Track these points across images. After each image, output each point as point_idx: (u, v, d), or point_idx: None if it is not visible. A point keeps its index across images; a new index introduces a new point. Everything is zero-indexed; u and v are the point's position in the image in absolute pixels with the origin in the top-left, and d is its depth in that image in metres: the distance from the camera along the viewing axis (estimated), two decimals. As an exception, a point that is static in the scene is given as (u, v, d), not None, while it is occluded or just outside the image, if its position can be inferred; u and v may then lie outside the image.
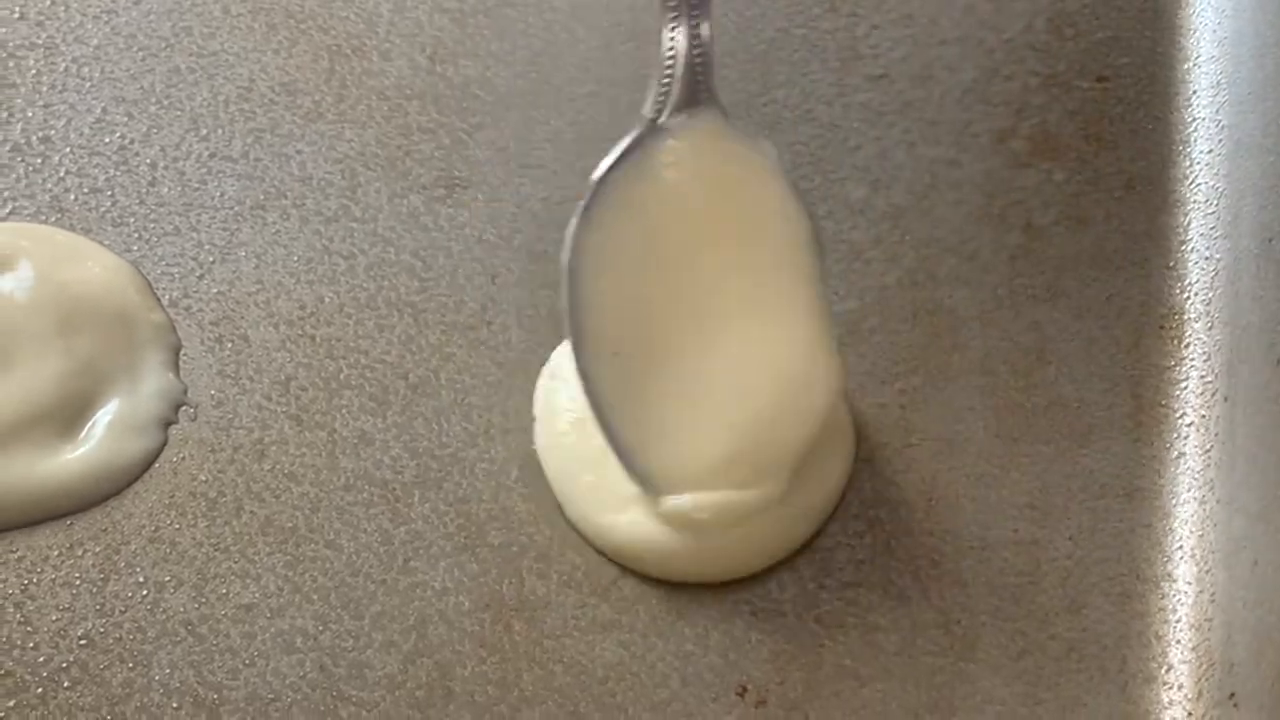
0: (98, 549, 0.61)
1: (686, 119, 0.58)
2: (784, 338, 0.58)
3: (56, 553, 0.61)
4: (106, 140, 0.69)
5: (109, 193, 0.67)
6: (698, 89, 0.58)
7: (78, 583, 0.60)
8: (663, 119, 0.58)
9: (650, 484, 0.59)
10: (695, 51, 0.58)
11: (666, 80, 0.58)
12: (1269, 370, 0.61)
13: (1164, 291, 0.67)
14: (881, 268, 0.67)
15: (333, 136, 0.69)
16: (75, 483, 0.61)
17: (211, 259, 0.66)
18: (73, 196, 0.67)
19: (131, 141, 0.69)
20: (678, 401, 0.58)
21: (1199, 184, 0.69)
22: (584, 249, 0.57)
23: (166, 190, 0.68)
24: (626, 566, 0.60)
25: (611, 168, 0.58)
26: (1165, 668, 0.59)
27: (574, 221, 0.58)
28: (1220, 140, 0.69)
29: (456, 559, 0.61)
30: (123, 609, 0.60)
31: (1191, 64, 0.71)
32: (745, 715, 0.58)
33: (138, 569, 0.60)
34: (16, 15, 0.70)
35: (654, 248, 0.58)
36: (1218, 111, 0.70)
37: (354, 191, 0.68)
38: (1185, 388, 0.64)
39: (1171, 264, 0.67)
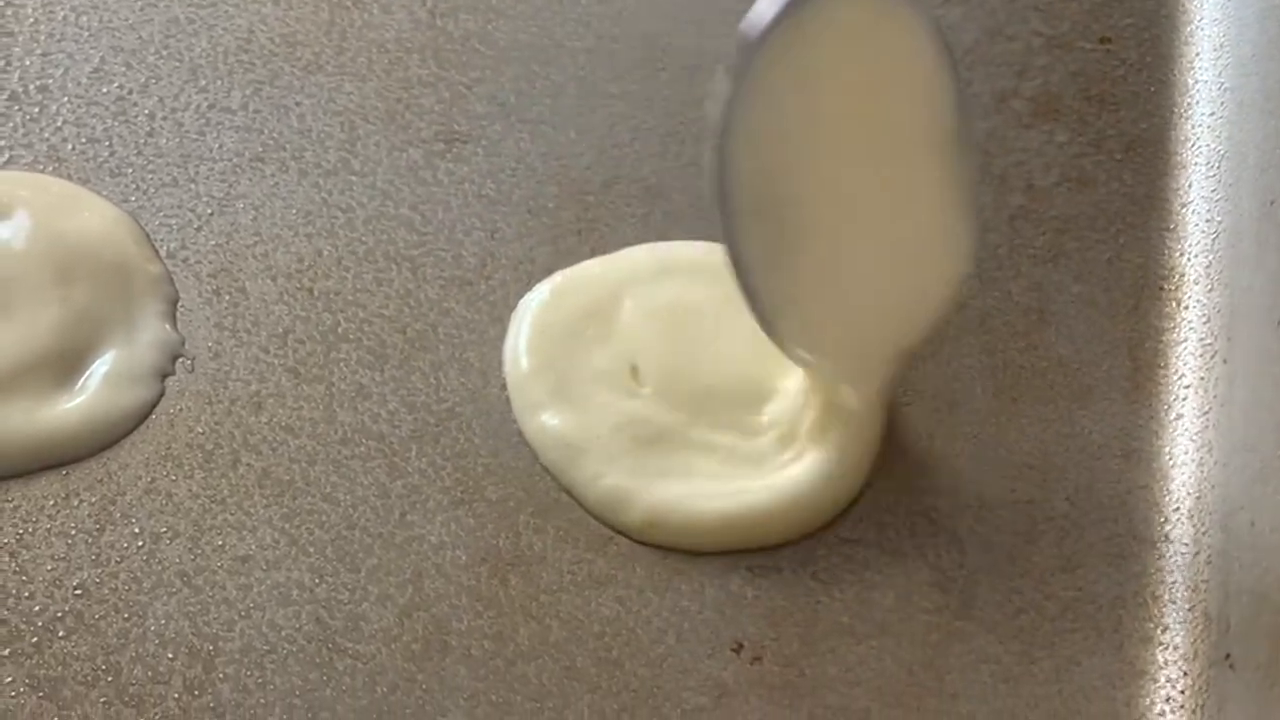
0: (94, 499, 0.60)
1: None
2: (919, 220, 0.57)
3: (52, 502, 0.60)
4: (104, 90, 0.68)
5: (107, 143, 0.67)
6: None
7: (73, 532, 0.60)
8: None
9: (784, 347, 0.59)
10: None
11: None
12: (1268, 333, 0.61)
13: (1164, 253, 0.66)
14: (881, 227, 0.67)
15: (332, 89, 0.69)
16: (71, 433, 0.61)
17: (209, 211, 0.66)
18: (70, 146, 0.67)
19: (130, 92, 0.68)
20: (815, 271, 0.57)
21: (1200, 146, 0.68)
22: (736, 108, 0.55)
23: (164, 141, 0.67)
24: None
25: (769, 27, 0.54)
26: (1161, 628, 0.59)
27: (724, 79, 0.55)
28: (1222, 103, 0.69)
29: (453, 513, 0.61)
30: (118, 559, 0.59)
31: (1194, 26, 0.71)
32: (741, 671, 0.58)
33: (133, 519, 0.60)
34: (15, -37, 0.69)
35: (804, 110, 0.55)
36: (1220, 74, 0.70)
37: (353, 145, 0.68)
38: (1184, 349, 0.64)
39: (1172, 226, 0.67)
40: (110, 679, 0.57)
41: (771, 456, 0.61)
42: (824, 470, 0.60)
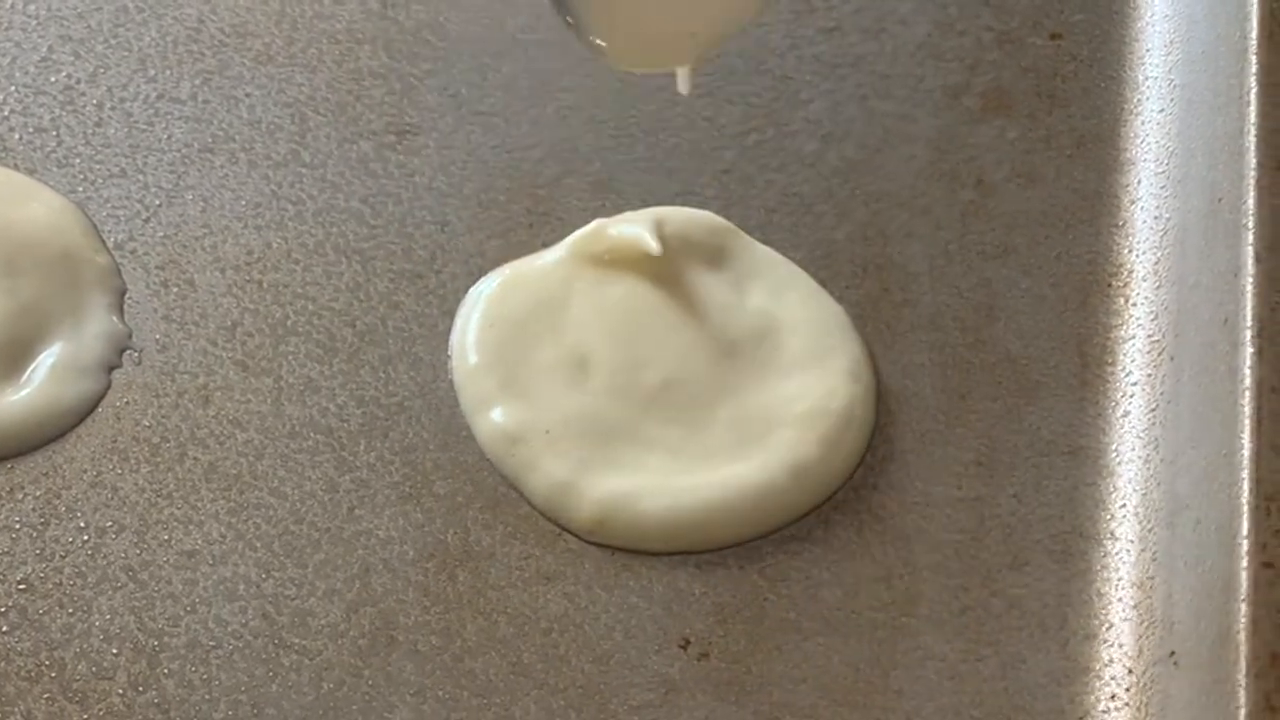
0: (38, 493, 0.60)
1: None
2: None
3: (-3, 496, 0.60)
4: (52, 79, 0.68)
5: (54, 133, 0.67)
6: None
7: (17, 527, 0.60)
8: None
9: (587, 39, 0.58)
10: None
11: None
12: (1215, 330, 0.61)
13: (1113, 250, 0.67)
14: (832, 222, 0.67)
15: (282, 80, 0.69)
16: (16, 425, 0.61)
17: (158, 202, 0.66)
18: (17, 136, 0.67)
19: (78, 81, 0.68)
20: None
21: (1150, 143, 0.69)
22: None
23: (113, 131, 0.67)
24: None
25: None
26: (1106, 625, 0.60)
27: None
28: (1172, 99, 0.69)
29: (401, 508, 0.61)
30: (63, 554, 0.59)
31: (1144, 22, 0.71)
32: (688, 668, 0.59)
33: (79, 514, 0.60)
34: (-38, -49, 0.69)
35: None
36: (1170, 70, 0.70)
37: (303, 136, 0.67)
38: (1132, 346, 0.65)
39: (1121, 223, 0.67)
40: (54, 675, 0.57)
41: (723, 452, 0.61)
42: (781, 467, 0.61)
